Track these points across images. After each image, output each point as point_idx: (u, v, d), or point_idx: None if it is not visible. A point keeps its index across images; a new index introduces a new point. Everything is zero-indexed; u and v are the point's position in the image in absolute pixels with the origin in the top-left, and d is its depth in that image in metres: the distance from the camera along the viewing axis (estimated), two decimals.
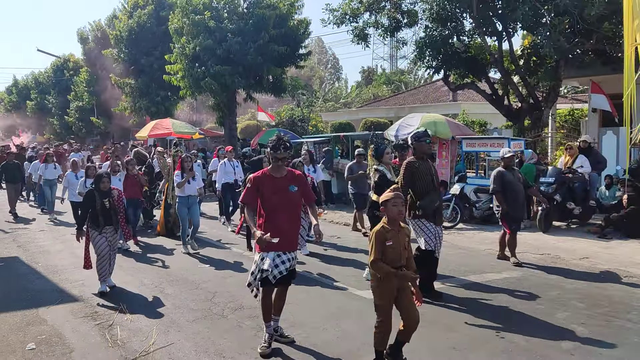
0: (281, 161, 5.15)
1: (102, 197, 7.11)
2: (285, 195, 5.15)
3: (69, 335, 5.63)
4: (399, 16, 15.26)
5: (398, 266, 4.46)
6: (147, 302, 6.68)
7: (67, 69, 42.87)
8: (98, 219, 7.09)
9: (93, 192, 7.16)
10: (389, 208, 4.54)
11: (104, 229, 7.13)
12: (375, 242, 4.47)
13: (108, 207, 7.13)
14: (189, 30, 21.24)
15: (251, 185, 5.21)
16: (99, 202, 7.07)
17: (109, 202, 7.16)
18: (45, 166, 14.29)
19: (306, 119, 27.63)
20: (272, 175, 5.21)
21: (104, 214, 7.12)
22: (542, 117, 14.12)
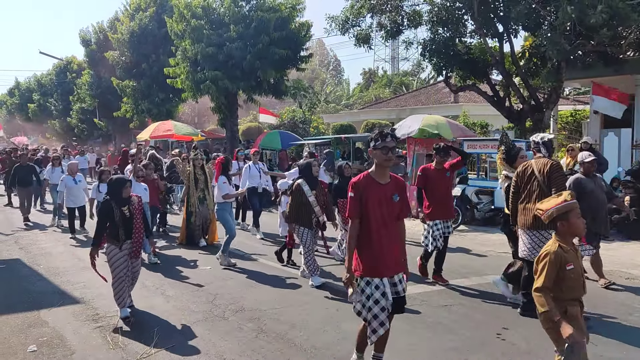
0: (391, 153, 4.10)
1: (120, 205, 6.06)
2: (390, 207, 4.15)
3: (70, 337, 5.64)
4: (400, 19, 15.26)
5: (577, 297, 3.65)
6: (148, 304, 6.68)
7: (69, 71, 42.99)
8: (118, 232, 6.03)
9: (109, 203, 6.06)
10: (571, 221, 3.60)
11: (124, 244, 6.09)
12: (548, 267, 3.53)
13: (129, 217, 6.08)
14: (190, 35, 21.30)
15: (355, 194, 4.14)
16: (118, 212, 6.02)
17: (129, 211, 6.12)
18: (52, 169, 13.58)
19: (307, 121, 27.64)
20: (377, 180, 4.16)
21: (125, 226, 6.05)
22: (544, 118, 14.10)
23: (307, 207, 7.36)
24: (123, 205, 6.08)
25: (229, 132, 24.02)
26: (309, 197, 7.34)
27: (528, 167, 5.96)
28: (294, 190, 7.47)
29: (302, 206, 7.37)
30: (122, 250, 6.06)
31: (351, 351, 5.05)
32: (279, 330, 5.65)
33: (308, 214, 7.37)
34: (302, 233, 7.41)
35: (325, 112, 35.14)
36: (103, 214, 6.11)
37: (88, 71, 36.11)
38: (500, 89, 15.74)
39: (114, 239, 6.06)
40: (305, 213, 7.37)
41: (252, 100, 23.65)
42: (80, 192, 11.56)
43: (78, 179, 11.56)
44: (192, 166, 10.24)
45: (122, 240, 6.03)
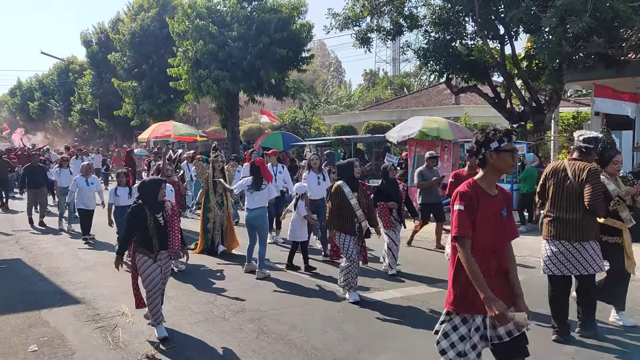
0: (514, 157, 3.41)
1: (154, 212, 5.44)
2: (499, 224, 3.42)
3: (71, 337, 5.64)
4: (402, 20, 15.27)
5: None
6: None
7: (71, 72, 43.09)
8: (151, 243, 5.40)
9: (141, 208, 5.43)
10: None
11: (158, 255, 5.49)
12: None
13: (163, 225, 5.48)
14: (192, 35, 21.34)
15: (466, 207, 3.33)
16: (152, 220, 5.41)
17: (163, 218, 5.51)
18: (60, 171, 12.65)
19: (309, 122, 27.66)
20: (487, 191, 3.41)
21: (159, 235, 5.44)
22: (545, 120, 14.10)
23: (348, 212, 6.62)
24: (157, 212, 5.46)
25: (230, 133, 24.05)
26: (351, 199, 6.59)
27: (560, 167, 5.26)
28: (333, 192, 6.72)
29: (343, 210, 6.63)
30: (157, 261, 5.47)
31: (352, 352, 5.05)
32: (280, 331, 5.65)
33: (350, 219, 6.63)
34: (344, 241, 6.63)
35: (326, 113, 35.16)
36: (133, 220, 5.43)
37: (89, 71, 36.18)
38: (502, 90, 15.75)
39: (147, 249, 5.41)
40: (346, 218, 6.63)
41: (253, 101, 23.68)
42: (91, 194, 10.94)
43: (91, 181, 10.95)
44: (212, 168, 9.63)
45: (156, 251, 5.42)
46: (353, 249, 6.61)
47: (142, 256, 5.44)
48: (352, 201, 6.62)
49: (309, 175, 9.39)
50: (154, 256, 5.45)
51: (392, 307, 6.40)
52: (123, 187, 9.13)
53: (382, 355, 5.02)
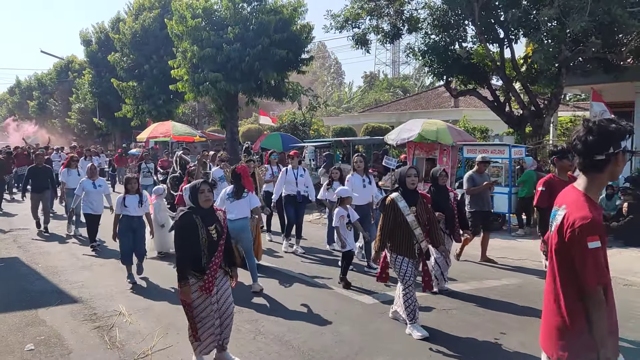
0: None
1: (207, 223, 4.60)
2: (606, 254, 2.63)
3: (67, 336, 5.64)
4: (400, 23, 15.30)
5: None
6: (147, 305, 6.68)
7: (71, 71, 43.09)
8: (201, 261, 4.55)
9: (191, 217, 4.57)
10: None
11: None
12: None
13: (216, 240, 4.61)
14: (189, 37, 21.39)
15: (602, 242, 2.50)
16: (204, 233, 4.55)
17: (217, 231, 4.65)
18: (68, 172, 11.86)
19: (308, 123, 27.67)
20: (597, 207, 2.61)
21: (210, 252, 4.58)
22: (544, 124, 14.12)
23: (405, 230, 5.59)
24: (210, 224, 4.62)
25: (229, 134, 24.05)
26: (407, 216, 5.57)
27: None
28: (387, 206, 5.67)
29: (399, 228, 5.60)
30: (199, 282, 4.61)
31: (349, 354, 5.05)
32: (277, 332, 5.65)
33: (407, 239, 5.60)
34: (400, 264, 5.60)
35: (325, 114, 35.18)
36: (184, 232, 4.57)
37: (89, 71, 36.18)
38: (501, 94, 15.77)
39: (194, 269, 4.55)
40: (403, 237, 5.61)
41: (252, 102, 23.70)
42: (99, 198, 10.20)
43: (98, 184, 10.23)
44: None
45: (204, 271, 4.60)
46: (410, 274, 5.62)
47: (191, 278, 4.55)
48: (409, 218, 5.57)
49: (353, 177, 8.54)
50: (202, 277, 4.59)
51: (389, 308, 6.39)
52: (133, 194, 7.91)
53: (379, 357, 5.02)
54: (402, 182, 5.72)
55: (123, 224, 7.79)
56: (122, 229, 7.77)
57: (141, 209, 7.91)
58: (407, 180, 5.67)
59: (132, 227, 7.79)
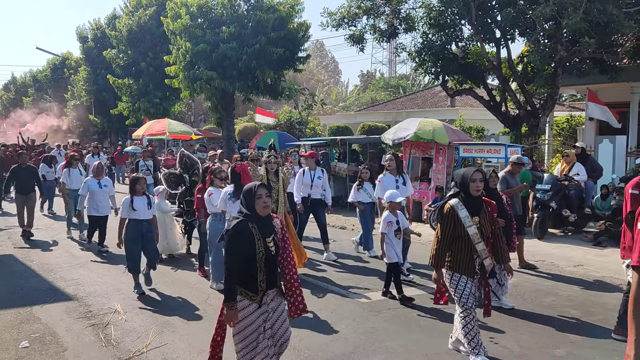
0: None
1: (265, 234, 3.85)
2: None
3: (62, 334, 5.62)
4: (397, 22, 15.30)
5: None
6: (142, 303, 6.67)
7: (66, 68, 42.95)
8: (256, 278, 3.83)
9: (247, 225, 3.80)
10: None
11: (265, 296, 3.90)
12: None
13: (274, 253, 3.89)
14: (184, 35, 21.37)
15: None
16: (261, 245, 3.81)
17: (275, 243, 3.91)
18: (69, 171, 11.09)
19: (304, 122, 27.67)
20: None
21: (268, 268, 3.86)
22: (539, 124, 14.16)
23: (465, 244, 4.80)
24: (268, 234, 3.88)
25: (226, 132, 24.03)
26: (468, 227, 4.74)
27: None
28: (445, 215, 4.81)
29: (458, 242, 4.82)
30: (262, 306, 3.87)
31: (345, 352, 5.05)
32: None
33: (467, 255, 4.81)
34: (458, 283, 4.83)
35: (321, 113, 35.18)
36: (238, 245, 3.78)
37: (84, 67, 36.06)
38: (497, 94, 15.80)
39: (248, 288, 3.83)
40: (462, 253, 4.82)
41: (249, 101, 23.69)
42: (105, 198, 9.64)
43: (104, 183, 9.64)
44: (265, 171, 7.93)
45: (261, 291, 3.85)
46: (469, 295, 4.80)
47: (240, 298, 3.83)
48: (470, 230, 4.75)
49: (385, 177, 7.89)
50: (259, 298, 3.86)
51: (385, 307, 6.40)
52: (141, 196, 7.22)
53: (375, 356, 5.03)
54: (464, 187, 4.83)
55: (131, 229, 7.06)
56: (131, 235, 7.04)
57: (150, 211, 7.26)
58: (471, 186, 4.76)
59: (142, 231, 7.10)
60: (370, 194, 9.01)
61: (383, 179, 7.98)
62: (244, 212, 3.89)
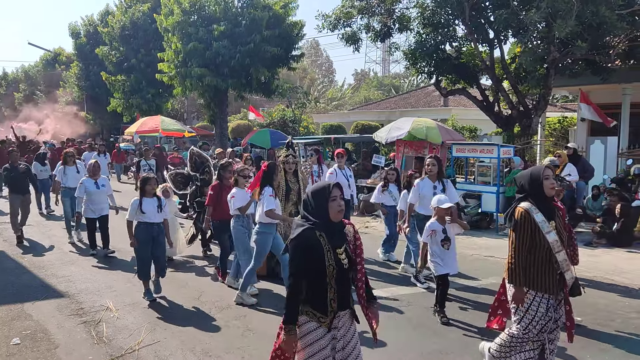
0: None
1: (335, 244, 3.25)
2: None
3: (54, 331, 5.60)
4: (391, 22, 15.33)
5: None
6: (134, 300, 6.65)
7: (59, 63, 42.70)
8: (325, 296, 3.24)
9: (314, 234, 3.22)
10: None
11: (335, 319, 3.29)
12: None
13: (347, 267, 3.29)
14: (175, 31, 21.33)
15: None
16: (332, 257, 3.21)
17: (347, 255, 3.30)
18: (64, 169, 10.49)
19: (297, 120, 27.66)
20: None
21: (340, 284, 3.27)
22: (532, 124, 14.24)
23: (543, 255, 4.09)
24: (339, 244, 3.28)
25: (219, 129, 23.98)
26: (547, 234, 4.04)
27: None
28: (520, 221, 4.12)
29: (535, 251, 4.11)
30: (331, 331, 3.28)
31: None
32: (265, 329, 5.64)
33: (547, 267, 4.09)
34: (531, 304, 4.12)
35: (315, 112, 35.18)
36: (304, 256, 3.20)
37: (76, 63, 35.86)
38: (490, 94, 15.87)
39: (316, 309, 3.25)
40: (541, 265, 4.10)
41: (242, 98, 23.66)
42: (103, 199, 9.15)
43: (101, 183, 9.13)
44: (283, 171, 7.32)
45: (332, 312, 3.25)
46: (540, 320, 4.10)
47: (305, 319, 3.27)
48: (550, 237, 4.04)
49: (423, 182, 7.04)
50: (328, 321, 3.26)
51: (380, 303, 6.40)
52: (151, 198, 6.75)
53: (371, 354, 5.03)
54: (535, 188, 4.14)
55: (141, 232, 6.62)
56: (141, 239, 6.62)
57: (161, 214, 6.77)
58: (545, 185, 4.10)
59: (152, 234, 6.64)
60: (395, 196, 8.36)
61: (420, 184, 7.07)
62: (309, 218, 3.26)
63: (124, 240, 8.41)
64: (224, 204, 7.13)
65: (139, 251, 6.66)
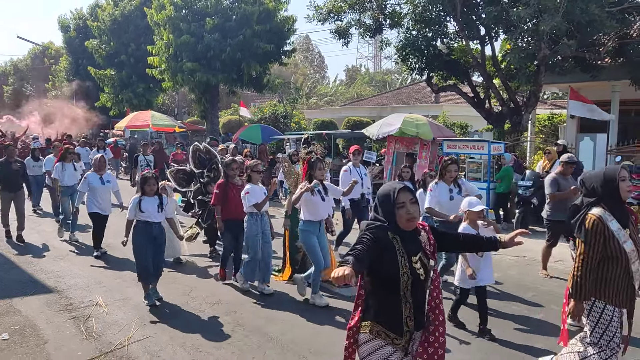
0: None
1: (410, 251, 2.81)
2: None
3: (43, 326, 5.56)
4: (382, 18, 15.34)
5: None
6: (124, 296, 6.62)
7: (47, 57, 42.35)
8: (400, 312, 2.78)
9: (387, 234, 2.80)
10: None
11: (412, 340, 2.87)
12: None
13: (423, 278, 2.82)
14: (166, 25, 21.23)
15: None
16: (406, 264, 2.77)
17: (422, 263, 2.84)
18: (62, 166, 9.99)
19: (289, 116, 27.63)
20: None
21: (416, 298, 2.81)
22: (522, 121, 14.32)
23: (618, 265, 3.72)
24: (414, 252, 2.83)
25: (210, 125, 23.91)
26: (624, 243, 3.67)
27: None
28: (592, 229, 3.70)
29: (609, 263, 3.75)
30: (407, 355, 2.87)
31: (327, 345, 5.08)
32: (256, 324, 5.65)
33: (622, 279, 3.73)
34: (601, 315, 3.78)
35: (306, 107, 35.15)
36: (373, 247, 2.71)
37: (66, 57, 35.57)
38: (481, 90, 15.93)
39: (390, 327, 2.79)
40: (615, 276, 3.74)
41: (233, 93, 23.60)
42: (108, 195, 8.65)
43: (107, 179, 8.63)
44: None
45: (408, 332, 2.79)
46: (616, 332, 3.77)
47: (374, 340, 2.80)
48: (627, 246, 3.67)
49: (438, 186, 6.49)
50: (404, 342, 2.80)
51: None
52: (151, 197, 6.36)
53: None
54: (609, 190, 3.71)
55: (140, 232, 6.21)
56: (140, 239, 6.20)
57: (161, 214, 6.40)
58: (621, 187, 3.68)
59: (153, 235, 6.27)
60: None
61: (435, 188, 6.53)
62: (379, 219, 2.85)
63: (115, 235, 8.44)
64: (229, 203, 6.89)
65: (138, 252, 6.22)
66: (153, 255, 6.27)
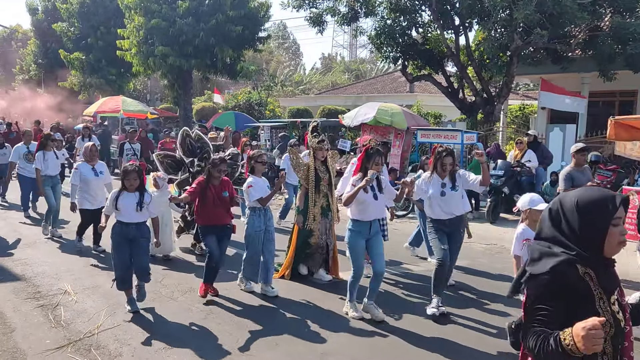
0: None
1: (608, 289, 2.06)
2: None
3: (10, 314, 5.44)
4: (357, 6, 15.30)
5: None
6: (94, 284, 6.51)
7: (15, 40, 41.13)
8: None
9: (576, 270, 2.01)
10: None
11: None
12: None
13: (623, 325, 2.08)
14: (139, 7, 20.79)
15: None
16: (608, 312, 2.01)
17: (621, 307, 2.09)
18: (44, 155, 8.94)
19: (263, 103, 27.43)
20: None
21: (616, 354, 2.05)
22: (495, 111, 14.50)
23: None
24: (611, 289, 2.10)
25: (182, 111, 23.60)
26: None
27: None
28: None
29: None
30: None
31: (300, 328, 5.09)
32: (229, 312, 5.63)
33: None
34: None
35: (281, 95, 34.95)
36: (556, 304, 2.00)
37: (34, 40, 34.60)
38: (455, 80, 16.07)
39: None
40: None
41: (206, 80, 23.32)
42: (100, 188, 7.91)
43: (99, 170, 7.88)
44: (313, 158, 6.64)
45: None
46: None
47: None
48: None
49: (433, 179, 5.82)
50: None
51: (338, 286, 6.43)
52: (132, 192, 5.59)
53: (334, 334, 5.08)
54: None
55: (116, 234, 5.51)
56: (115, 241, 5.51)
57: (140, 213, 5.57)
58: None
59: (129, 237, 5.51)
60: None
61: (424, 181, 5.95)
62: (565, 244, 2.04)
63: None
64: (208, 206, 5.92)
65: (114, 257, 5.54)
66: (134, 257, 5.54)
